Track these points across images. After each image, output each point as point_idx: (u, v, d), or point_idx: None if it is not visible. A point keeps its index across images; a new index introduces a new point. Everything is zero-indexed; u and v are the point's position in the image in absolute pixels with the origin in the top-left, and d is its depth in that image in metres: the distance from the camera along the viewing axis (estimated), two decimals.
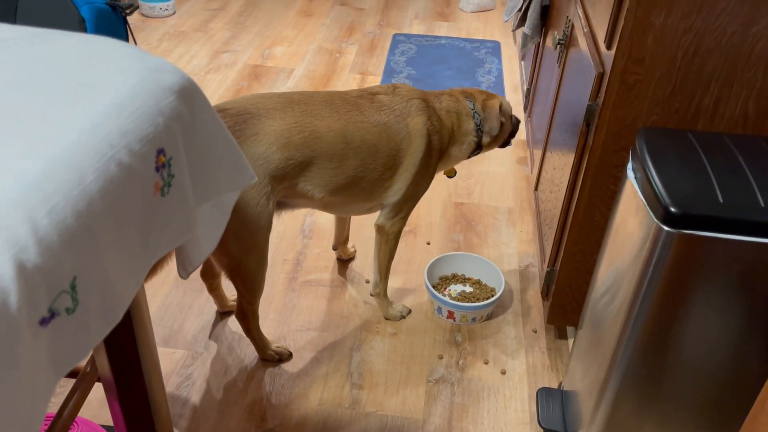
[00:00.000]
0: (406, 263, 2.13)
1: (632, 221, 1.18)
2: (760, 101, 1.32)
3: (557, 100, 1.93)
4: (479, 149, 1.80)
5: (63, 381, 1.61)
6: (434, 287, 1.99)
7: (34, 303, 0.63)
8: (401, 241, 2.16)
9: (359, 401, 1.67)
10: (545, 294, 1.80)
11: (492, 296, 1.94)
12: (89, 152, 0.72)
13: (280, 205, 1.62)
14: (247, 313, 1.66)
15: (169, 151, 0.85)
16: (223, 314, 1.91)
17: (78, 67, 0.86)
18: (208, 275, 1.82)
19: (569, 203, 1.60)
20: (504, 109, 1.81)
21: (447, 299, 1.90)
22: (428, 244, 2.22)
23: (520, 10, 2.46)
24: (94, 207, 0.70)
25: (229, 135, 1.00)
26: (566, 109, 1.74)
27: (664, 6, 1.25)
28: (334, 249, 2.13)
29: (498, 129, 1.78)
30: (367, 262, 2.13)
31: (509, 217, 2.37)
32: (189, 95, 0.90)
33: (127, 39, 2.46)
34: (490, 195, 2.48)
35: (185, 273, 1.05)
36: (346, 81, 3.27)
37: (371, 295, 1.97)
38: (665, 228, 1.06)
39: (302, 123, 1.52)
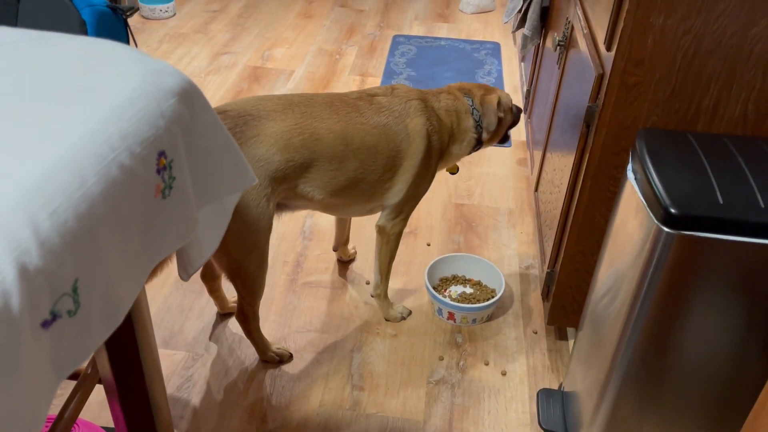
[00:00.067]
0: (407, 264, 2.13)
1: (632, 222, 1.18)
2: (760, 102, 1.32)
3: (557, 102, 1.93)
4: (480, 145, 1.80)
5: (64, 383, 1.61)
6: (435, 288, 1.99)
7: (36, 305, 0.63)
8: (402, 243, 2.16)
9: (360, 402, 1.67)
10: (545, 295, 1.80)
11: (492, 297, 1.94)
12: (90, 155, 0.72)
13: (281, 207, 1.63)
14: (248, 315, 1.66)
15: (170, 154, 0.85)
16: (224, 316, 1.91)
17: (79, 70, 0.86)
18: (209, 277, 1.82)
19: (569, 204, 1.60)
20: (503, 103, 1.81)
21: (447, 300, 1.90)
22: (428, 246, 2.23)
23: (520, 12, 2.46)
24: (96, 209, 0.70)
25: (230, 137, 1.00)
26: (566, 111, 1.74)
27: (664, 7, 1.25)
28: (335, 250, 2.13)
29: (495, 124, 1.78)
30: (368, 264, 2.14)
31: (509, 219, 2.37)
32: (190, 97, 0.90)
33: (128, 41, 2.47)
34: (491, 196, 2.48)
35: (186, 275, 1.05)
36: (346, 82, 3.27)
37: (372, 297, 1.97)
38: (665, 229, 1.07)
39: (302, 125, 1.52)
